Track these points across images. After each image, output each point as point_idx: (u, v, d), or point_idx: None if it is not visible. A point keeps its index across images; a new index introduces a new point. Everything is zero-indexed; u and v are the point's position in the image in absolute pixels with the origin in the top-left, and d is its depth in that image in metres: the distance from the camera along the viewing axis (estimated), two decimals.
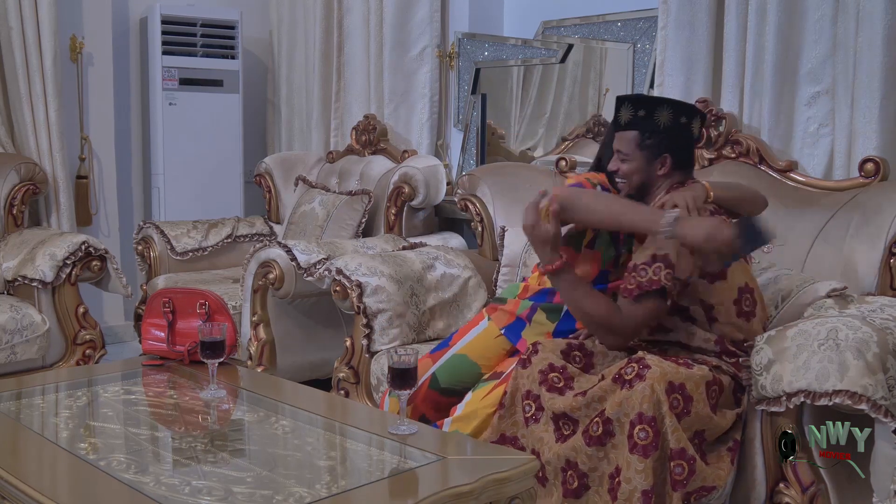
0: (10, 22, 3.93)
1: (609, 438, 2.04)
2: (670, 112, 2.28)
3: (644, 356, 2.08)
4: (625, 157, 2.33)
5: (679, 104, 2.36)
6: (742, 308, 2.25)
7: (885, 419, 1.89)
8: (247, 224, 4.38)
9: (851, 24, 2.65)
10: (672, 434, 1.99)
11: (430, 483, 1.81)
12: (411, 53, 4.25)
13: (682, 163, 2.32)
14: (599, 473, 2.06)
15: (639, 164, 2.31)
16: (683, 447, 1.99)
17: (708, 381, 2.10)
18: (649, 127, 2.29)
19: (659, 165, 2.30)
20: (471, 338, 2.56)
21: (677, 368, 2.06)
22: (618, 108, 2.35)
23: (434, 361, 2.54)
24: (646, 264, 2.17)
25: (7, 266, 3.49)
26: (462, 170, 4.17)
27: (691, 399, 2.04)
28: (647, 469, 1.97)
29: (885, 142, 2.62)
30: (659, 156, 2.30)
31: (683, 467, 1.99)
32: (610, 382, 2.08)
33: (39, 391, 2.45)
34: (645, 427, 1.98)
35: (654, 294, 2.16)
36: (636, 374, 2.02)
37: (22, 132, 4.04)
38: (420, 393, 2.47)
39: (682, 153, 2.32)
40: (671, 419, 1.99)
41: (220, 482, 1.78)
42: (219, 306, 2.64)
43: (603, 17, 3.75)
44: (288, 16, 4.85)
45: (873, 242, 2.45)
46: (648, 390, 1.99)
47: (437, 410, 2.48)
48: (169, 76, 4.60)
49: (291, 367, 3.42)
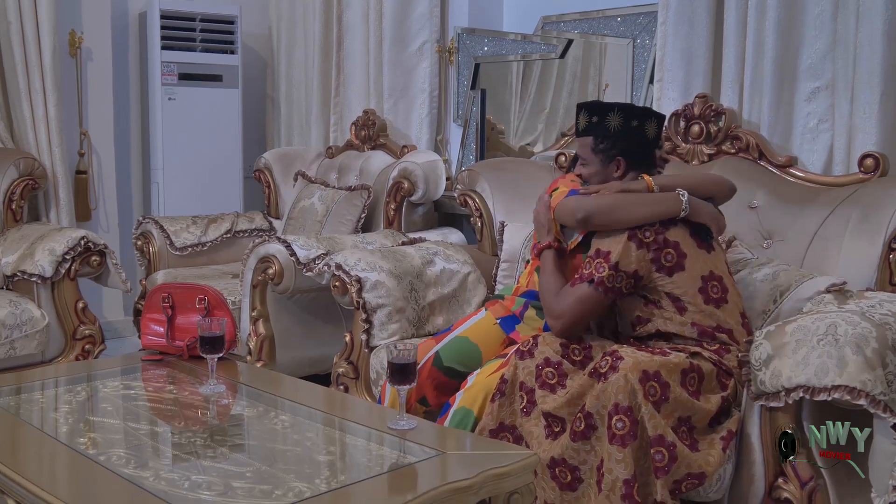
0: (9, 17, 3.92)
1: (593, 432, 2.07)
2: (620, 116, 2.40)
3: (618, 349, 2.13)
4: (584, 162, 2.48)
5: (630, 108, 2.46)
6: (710, 296, 2.29)
7: (883, 414, 1.89)
8: (246, 219, 4.38)
9: (851, 19, 2.65)
10: (649, 421, 2.02)
11: (430, 478, 1.81)
12: (411, 49, 4.24)
13: (636, 164, 2.42)
14: (589, 466, 2.09)
15: (596, 168, 2.44)
16: (661, 434, 2.02)
17: (684, 369, 2.13)
18: (601, 132, 2.42)
19: (615, 168, 2.42)
20: (471, 324, 2.61)
21: (651, 357, 2.10)
22: (577, 115, 2.48)
23: (437, 343, 2.56)
24: (590, 258, 2.31)
25: (6, 261, 3.49)
26: (461, 165, 4.17)
27: (668, 385, 2.07)
28: (627, 458, 2.00)
29: (884, 137, 2.62)
30: (613, 159, 2.42)
31: (663, 454, 2.01)
32: (587, 378, 2.13)
33: (39, 386, 2.46)
34: (622, 417, 2.01)
35: (587, 284, 2.27)
36: (610, 367, 2.07)
37: (21, 127, 4.04)
38: (424, 370, 2.49)
39: (634, 155, 2.42)
40: (647, 407, 2.02)
41: (219, 477, 1.78)
42: (218, 301, 2.64)
43: (602, 13, 3.75)
44: (287, 11, 4.84)
45: (873, 238, 2.45)
46: (622, 381, 2.03)
47: (439, 390, 2.50)
48: (168, 71, 4.60)
49: (291, 362, 3.42)
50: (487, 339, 2.57)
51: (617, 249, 2.26)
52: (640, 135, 2.41)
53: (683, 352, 2.20)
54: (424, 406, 2.50)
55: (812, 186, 2.72)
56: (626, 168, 2.41)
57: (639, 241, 2.26)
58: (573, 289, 2.31)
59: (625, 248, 2.25)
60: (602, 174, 2.43)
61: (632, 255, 2.26)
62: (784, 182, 2.77)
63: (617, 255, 2.25)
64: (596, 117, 2.42)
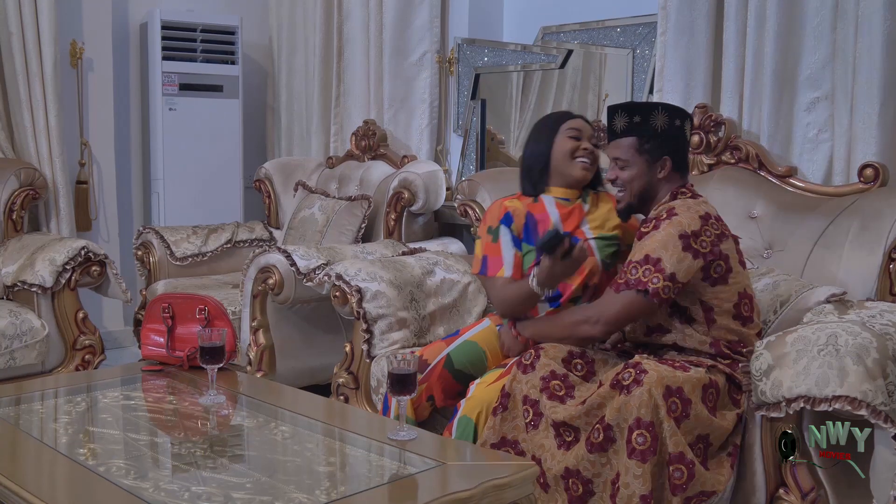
0: (10, 27, 3.93)
1: (610, 444, 2.04)
2: (666, 115, 2.33)
3: (641, 361, 2.08)
4: (624, 164, 2.36)
5: (672, 107, 2.39)
6: (741, 312, 2.26)
7: (884, 425, 1.89)
8: (246, 229, 4.38)
9: (850, 29, 2.65)
10: (671, 438, 1.99)
11: (430, 489, 1.80)
12: (411, 59, 4.25)
13: (680, 164, 2.37)
14: (603, 479, 2.06)
15: (640, 170, 2.34)
16: (682, 451, 2.00)
17: (704, 384, 2.11)
18: (647, 132, 2.33)
19: (659, 168, 2.34)
20: (478, 330, 2.62)
21: (674, 372, 2.07)
22: (611, 118, 2.38)
23: (447, 345, 2.57)
24: (637, 263, 2.22)
25: (7, 271, 3.49)
26: (461, 175, 4.17)
27: (689, 402, 2.05)
28: (646, 474, 1.97)
29: (884, 147, 2.62)
30: (659, 159, 2.33)
31: (682, 472, 1.99)
32: (608, 388, 2.08)
33: (39, 396, 2.45)
34: (643, 432, 1.98)
35: (637, 293, 2.20)
36: (633, 380, 2.03)
37: (22, 137, 4.04)
38: (435, 372, 2.51)
39: (679, 155, 2.36)
40: (669, 423, 2.00)
41: (219, 488, 1.77)
42: (218, 311, 2.64)
43: (602, 23, 3.76)
44: (288, 21, 4.85)
45: (873, 248, 2.45)
46: (646, 395, 1.99)
47: (446, 393, 2.51)
48: (169, 81, 4.61)
49: (291, 372, 3.42)
50: (492, 346, 2.58)
51: (671, 259, 2.18)
52: (683, 134, 2.37)
53: (700, 366, 2.18)
54: (431, 403, 2.53)
55: (812, 196, 2.72)
56: (670, 168, 2.33)
57: (695, 251, 2.19)
58: (619, 295, 2.23)
59: (681, 259, 2.18)
60: (646, 176, 2.34)
61: (687, 265, 2.19)
62: (784, 192, 2.77)
63: (672, 265, 2.17)
64: (638, 117, 2.33)
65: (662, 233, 2.21)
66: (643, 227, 2.30)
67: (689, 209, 2.25)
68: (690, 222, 2.21)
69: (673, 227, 2.20)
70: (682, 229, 2.20)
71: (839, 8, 2.69)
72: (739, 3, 2.88)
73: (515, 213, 2.58)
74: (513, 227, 2.56)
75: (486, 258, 2.58)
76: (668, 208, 2.27)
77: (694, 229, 2.20)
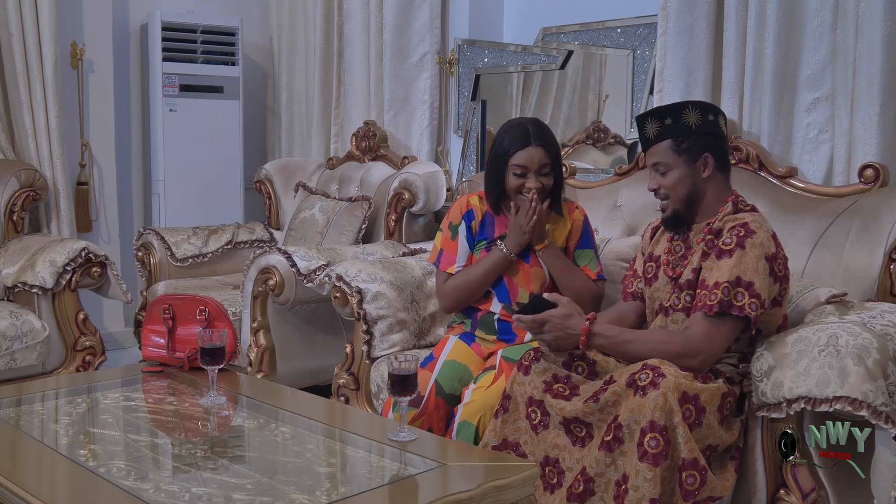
0: (10, 28, 3.94)
1: (618, 445, 2.02)
2: (697, 112, 2.24)
3: (660, 364, 2.04)
4: (665, 169, 2.25)
5: (702, 104, 2.31)
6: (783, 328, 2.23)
7: (885, 425, 1.89)
8: (247, 230, 4.38)
9: (851, 30, 2.65)
10: (685, 444, 1.97)
11: (431, 490, 1.80)
12: (411, 60, 4.25)
13: (722, 161, 2.27)
14: (606, 479, 2.04)
15: (682, 172, 2.24)
16: (696, 457, 1.97)
17: (723, 393, 2.08)
18: (681, 131, 2.23)
19: (702, 168, 2.24)
20: (450, 348, 2.64)
21: (693, 381, 2.03)
22: (641, 127, 2.30)
23: (430, 371, 2.56)
24: (729, 284, 2.09)
25: (7, 272, 3.49)
26: (462, 176, 4.17)
27: (704, 410, 2.02)
28: (656, 478, 1.94)
29: (884, 148, 2.62)
30: (699, 156, 2.23)
31: (696, 478, 1.97)
32: (624, 386, 2.05)
33: (39, 397, 2.45)
34: (656, 436, 1.95)
35: (737, 319, 2.10)
36: (650, 382, 1.99)
37: (22, 138, 4.04)
38: (430, 402, 2.49)
39: (719, 150, 2.26)
40: (683, 429, 1.97)
41: (219, 489, 1.77)
42: (219, 312, 2.64)
43: (602, 24, 3.76)
44: (288, 22, 4.86)
45: (873, 248, 2.44)
46: (661, 399, 1.96)
47: (445, 422, 2.50)
48: (169, 82, 4.61)
49: (291, 373, 3.42)
50: (469, 357, 2.61)
51: (762, 284, 2.08)
52: (718, 129, 2.26)
53: (722, 376, 2.15)
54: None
55: (812, 197, 2.72)
56: (714, 166, 2.23)
57: (776, 275, 2.13)
58: (721, 325, 2.09)
59: (770, 284, 2.11)
60: (691, 178, 2.23)
61: (769, 289, 2.11)
62: (784, 192, 2.77)
63: (764, 290, 2.08)
64: (669, 119, 2.22)
65: (751, 254, 2.10)
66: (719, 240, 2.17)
67: (761, 226, 2.15)
68: (768, 243, 2.13)
69: (758, 249, 2.11)
70: (765, 251, 2.11)
71: (839, 8, 2.69)
72: (739, 3, 2.88)
73: (476, 210, 2.72)
74: (472, 224, 2.72)
75: (442, 252, 2.73)
76: (742, 223, 2.16)
77: (773, 252, 2.13)
